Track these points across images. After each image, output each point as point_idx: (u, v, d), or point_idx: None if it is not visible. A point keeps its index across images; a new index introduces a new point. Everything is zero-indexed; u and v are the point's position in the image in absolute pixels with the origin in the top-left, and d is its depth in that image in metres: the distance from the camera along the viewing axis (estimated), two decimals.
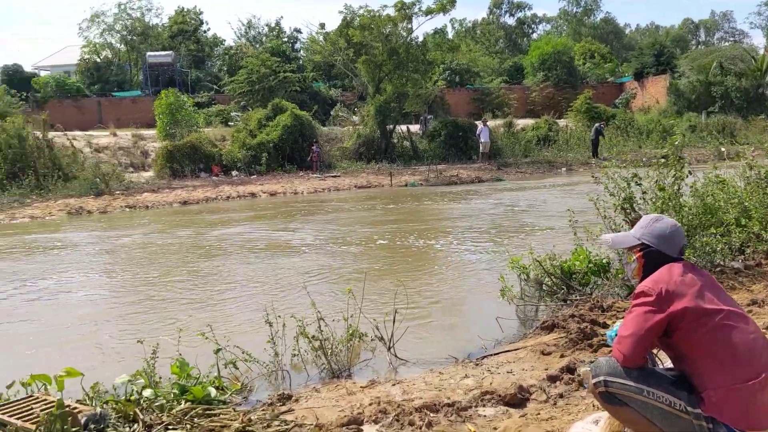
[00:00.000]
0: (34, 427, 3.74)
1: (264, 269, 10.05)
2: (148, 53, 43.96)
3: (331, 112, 35.33)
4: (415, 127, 30.45)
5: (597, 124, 29.18)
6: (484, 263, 9.93)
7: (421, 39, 29.16)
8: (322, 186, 21.65)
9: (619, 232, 6.91)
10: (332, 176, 23.80)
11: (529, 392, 4.68)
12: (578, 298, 6.84)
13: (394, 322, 5.94)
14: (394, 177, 22.71)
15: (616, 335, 3.26)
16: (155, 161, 25.63)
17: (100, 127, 34.14)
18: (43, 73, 48.06)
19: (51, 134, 23.18)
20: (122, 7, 48.19)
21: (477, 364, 5.56)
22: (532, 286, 7.34)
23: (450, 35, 60.89)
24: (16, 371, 5.19)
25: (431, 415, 4.34)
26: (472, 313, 7.62)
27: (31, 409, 4.02)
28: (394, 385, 5.14)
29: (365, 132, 28.15)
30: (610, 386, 3.10)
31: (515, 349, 5.93)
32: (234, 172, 24.90)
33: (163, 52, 44.31)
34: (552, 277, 7.17)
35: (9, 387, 4.61)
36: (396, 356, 5.92)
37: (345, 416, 4.39)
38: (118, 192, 20.36)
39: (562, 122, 34.24)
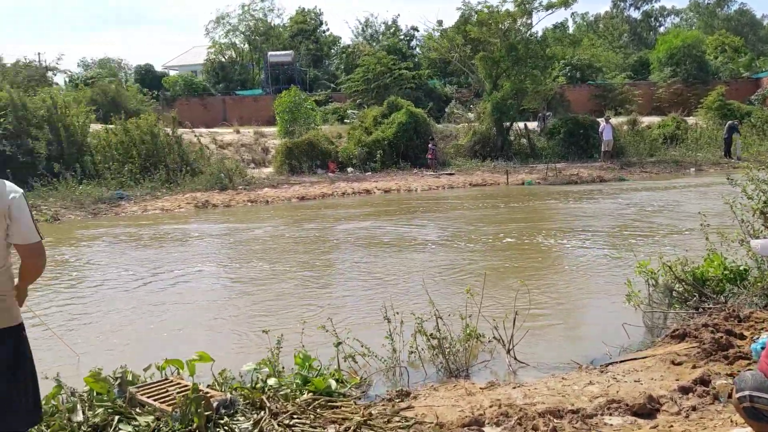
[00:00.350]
0: (170, 408, 3.92)
1: (391, 264, 10.18)
2: (270, 53, 45.54)
3: (446, 109, 35.17)
4: (533, 125, 29.76)
5: (730, 122, 27.35)
6: (611, 265, 9.54)
7: (540, 34, 28.52)
8: (436, 184, 21.60)
9: (758, 238, 6.43)
10: (447, 174, 23.68)
11: (659, 403, 4.44)
12: (711, 306, 6.40)
13: (514, 323, 5.80)
14: (510, 175, 22.29)
15: (763, 348, 3.01)
16: (275, 158, 26.50)
17: (224, 124, 35.73)
18: (172, 73, 50.91)
19: (180, 131, 24.50)
20: (246, 8, 50.29)
21: (602, 371, 5.35)
22: (660, 292, 6.93)
23: (571, 30, 59.20)
24: (149, 354, 5.50)
25: (555, 420, 4.20)
26: (596, 317, 7.33)
27: (167, 391, 4.23)
28: (514, 388, 5.03)
29: (481, 129, 27.80)
30: (756, 401, 2.88)
31: (643, 358, 5.64)
32: (349, 169, 25.32)
33: (283, 52, 45.78)
34: (683, 283, 6.75)
35: (146, 370, 4.87)
36: (515, 359, 5.79)
37: (465, 417, 4.33)
38: (240, 187, 21.20)
39: (690, 120, 32.36)
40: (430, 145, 25.47)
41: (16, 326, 2.96)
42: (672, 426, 4.05)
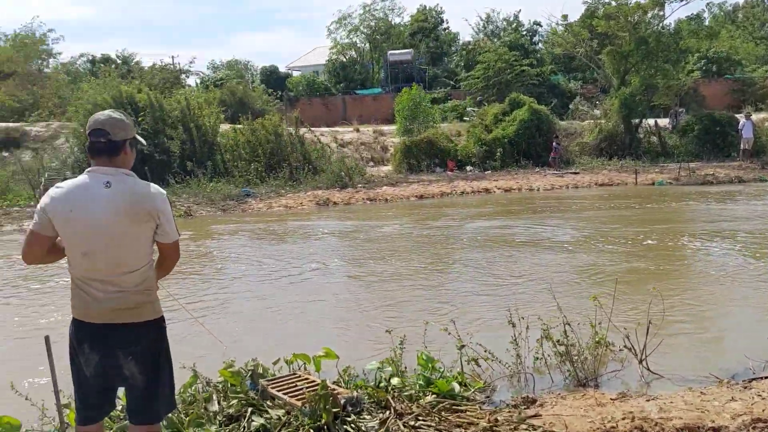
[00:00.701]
0: (300, 403, 4.01)
1: (526, 264, 10.02)
2: (389, 52, 46.01)
3: (570, 106, 34.10)
4: (663, 122, 28.23)
5: None
6: (761, 272, 8.87)
7: (673, 26, 27.00)
8: (559, 183, 20.97)
9: None
10: (571, 173, 22.94)
11: None
12: None
13: (647, 331, 5.50)
14: (639, 175, 21.23)
15: None
16: (393, 156, 26.73)
17: (344, 123, 36.48)
18: (295, 74, 52.63)
19: (302, 130, 25.25)
20: (367, 8, 51.04)
21: (745, 387, 4.99)
22: None
23: (707, 21, 55.72)
24: (273, 347, 5.65)
25: None
26: (739, 328, 6.82)
27: (296, 386, 4.33)
28: (648, 400, 4.77)
29: (607, 127, 26.70)
30: None
31: None
32: (468, 168, 25.11)
33: (403, 51, 46.10)
34: None
35: (275, 363, 5.02)
36: (648, 369, 5.49)
37: (596, 428, 4.16)
38: (359, 185, 21.54)
39: None
40: (554, 144, 24.77)
41: (158, 319, 3.13)
42: None
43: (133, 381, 3.04)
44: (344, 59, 50.20)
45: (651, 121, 27.43)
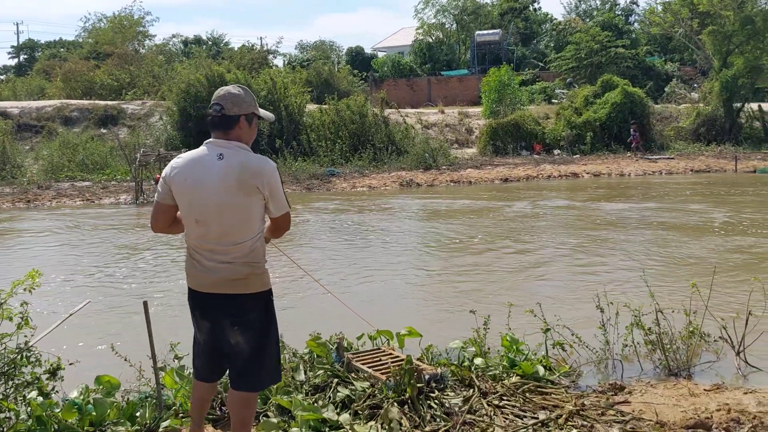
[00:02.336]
0: (384, 377, 4.05)
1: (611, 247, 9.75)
2: (477, 32, 45.32)
3: (666, 89, 32.67)
4: None
5: None
6: None
7: None
8: (651, 168, 20.21)
9: None
10: (665, 158, 22.04)
11: None
12: None
13: (746, 323, 5.23)
14: (740, 161, 20.18)
15: None
16: (479, 138, 26.45)
17: (429, 104, 36.31)
18: (380, 55, 52.65)
19: (386, 111, 25.29)
20: None
21: None
22: None
23: None
24: (354, 324, 5.70)
25: None
26: None
27: (380, 360, 4.38)
28: (746, 393, 4.55)
29: (706, 110, 25.49)
30: None
31: None
32: (556, 151, 24.55)
33: (491, 31, 45.32)
34: None
35: (359, 338, 5.08)
36: (746, 362, 5.23)
37: (689, 418, 4.00)
38: (444, 167, 21.45)
39: None
40: (632, 131, 23.75)
41: (265, 291, 3.17)
42: None
43: (238, 349, 3.13)
44: (430, 40, 49.85)
45: (754, 105, 25.96)
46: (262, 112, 3.28)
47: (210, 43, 51.10)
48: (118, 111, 27.61)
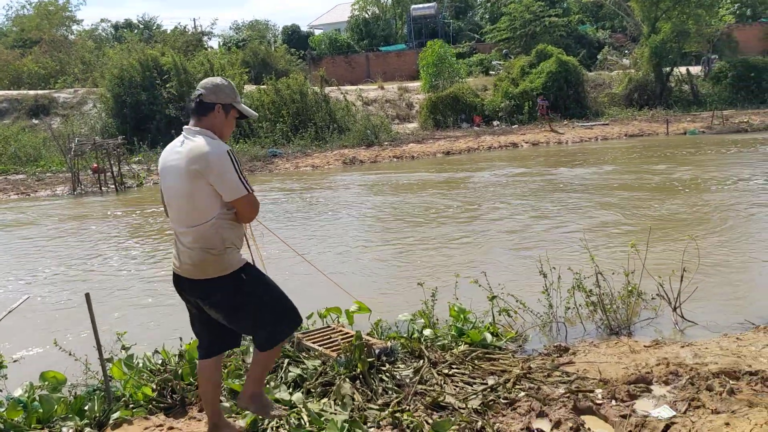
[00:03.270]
0: (335, 354, 4.07)
1: (553, 212, 9.94)
2: (412, 6, 45.11)
3: (598, 56, 33.34)
4: (695, 69, 27.51)
5: None
6: None
7: None
8: (587, 135, 20.68)
9: None
10: (600, 124, 22.57)
11: None
12: None
13: (681, 280, 5.46)
14: (671, 124, 20.84)
15: None
16: (419, 113, 26.53)
17: (368, 80, 36.14)
18: (317, 32, 51.97)
19: (326, 89, 25.08)
20: None
21: None
22: None
23: None
24: (307, 302, 5.71)
25: (731, 382, 3.92)
26: None
27: (330, 338, 4.40)
28: (683, 347, 4.76)
29: (637, 76, 26.16)
30: None
31: None
32: (495, 122, 24.83)
33: (426, 5, 45.16)
34: None
35: (308, 317, 5.08)
36: (683, 317, 5.47)
37: (631, 374, 4.15)
38: (386, 143, 21.46)
39: None
40: (539, 100, 23.72)
41: (228, 274, 3.16)
42: None
43: (223, 323, 3.27)
44: (367, 15, 49.42)
45: (683, 69, 26.77)
46: (244, 108, 3.35)
47: (141, 26, 49.49)
48: (49, 100, 26.61)
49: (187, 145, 3.12)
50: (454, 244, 8.72)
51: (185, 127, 3.21)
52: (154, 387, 4.08)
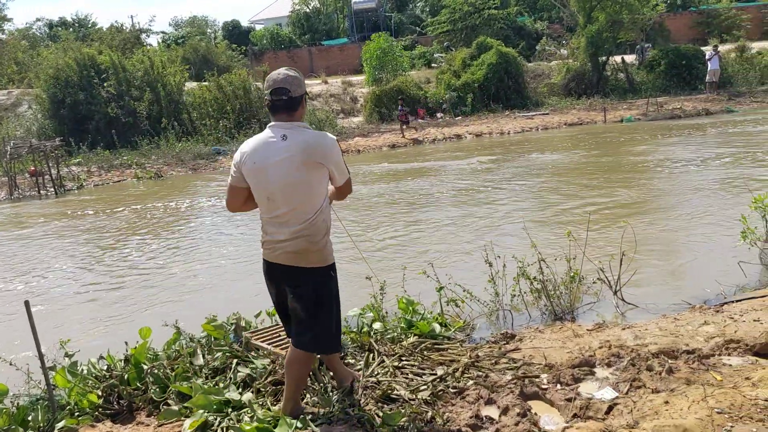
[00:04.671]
0: (284, 352, 4.06)
1: (501, 202, 10.07)
2: (354, 0, 45.07)
3: (537, 47, 33.91)
4: (630, 58, 28.25)
5: None
6: (725, 204, 9.07)
7: None
8: (529, 125, 21.01)
9: None
10: (540, 114, 22.98)
11: None
12: None
13: (620, 264, 5.64)
14: (608, 112, 21.34)
15: None
16: (364, 106, 26.49)
17: (311, 75, 35.91)
18: (258, 27, 51.35)
19: None
20: None
21: (717, 311, 5.16)
22: None
23: None
24: (254, 302, 5.68)
25: (670, 361, 4.08)
26: (708, 256, 6.99)
27: (279, 336, 4.38)
28: (624, 329, 4.92)
29: (575, 66, 26.68)
30: None
31: (762, 296, 5.38)
32: (439, 115, 25.00)
33: None
34: None
35: (257, 316, 5.06)
36: (623, 300, 5.66)
37: (575, 358, 4.27)
38: None
39: None
40: (399, 105, 22.31)
41: (324, 267, 3.45)
42: None
43: (295, 313, 3.47)
44: (308, 10, 49.07)
45: (618, 58, 27.44)
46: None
47: (76, 25, 48.03)
48: None
49: (297, 138, 3.29)
50: (400, 239, 8.78)
51: (276, 123, 3.37)
52: (100, 393, 4.00)
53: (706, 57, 24.98)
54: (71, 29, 43.19)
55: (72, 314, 6.69)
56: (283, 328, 4.59)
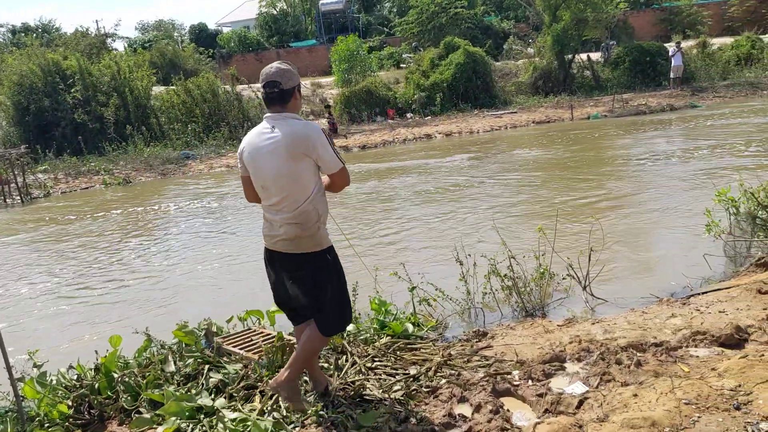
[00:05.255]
0: (257, 356, 4.05)
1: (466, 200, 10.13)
2: (321, 2, 44.96)
3: (504, 46, 34.18)
4: (596, 55, 28.64)
5: None
6: (688, 197, 9.23)
7: None
8: (498, 124, 21.16)
9: None
10: (508, 113, 23.17)
11: (747, 333, 4.35)
12: None
13: (589, 259, 5.71)
14: (575, 110, 21.58)
15: None
16: (333, 108, 26.43)
17: None
18: (225, 30, 50.99)
19: (238, 87, 24.62)
20: None
21: (684, 304, 5.25)
22: (743, 220, 6.66)
23: None
24: (226, 307, 5.65)
25: (638, 354, 4.15)
26: (674, 249, 7.12)
27: (251, 340, 4.37)
28: (593, 324, 4.98)
29: (542, 64, 26.95)
30: None
31: (727, 288, 5.49)
32: (409, 115, 25.06)
33: (334, 0, 45.14)
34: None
35: (228, 321, 5.03)
36: (592, 295, 5.73)
37: (546, 353, 4.32)
38: None
39: (767, 38, 30.46)
40: (327, 114, 22.95)
41: (320, 251, 3.51)
42: (763, 355, 3.93)
43: (297, 298, 3.60)
44: (275, 12, 48.86)
45: (584, 56, 27.79)
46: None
47: (40, 30, 47.19)
48: None
49: (283, 129, 3.40)
50: (370, 241, 8.79)
51: (269, 114, 3.49)
52: (70, 404, 3.94)
53: (670, 53, 25.44)
54: (35, 35, 42.40)
55: (40, 324, 6.58)
56: (253, 333, 4.59)
